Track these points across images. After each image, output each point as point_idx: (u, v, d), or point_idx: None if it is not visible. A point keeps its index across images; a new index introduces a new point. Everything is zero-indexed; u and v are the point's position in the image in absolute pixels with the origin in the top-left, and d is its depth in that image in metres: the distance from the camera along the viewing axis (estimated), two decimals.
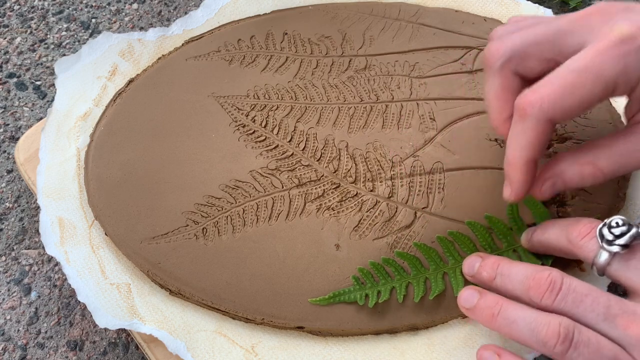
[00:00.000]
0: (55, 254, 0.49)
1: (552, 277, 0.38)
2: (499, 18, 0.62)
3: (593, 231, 0.39)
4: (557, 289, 0.38)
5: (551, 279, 0.38)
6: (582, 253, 0.40)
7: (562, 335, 0.36)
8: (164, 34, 0.62)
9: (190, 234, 0.50)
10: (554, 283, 0.38)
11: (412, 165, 0.52)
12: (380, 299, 0.46)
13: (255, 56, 0.60)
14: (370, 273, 0.47)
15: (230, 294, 0.47)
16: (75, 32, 0.72)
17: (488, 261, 0.43)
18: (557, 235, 0.42)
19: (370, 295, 0.47)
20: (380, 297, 0.46)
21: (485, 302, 0.40)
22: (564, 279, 0.38)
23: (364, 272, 0.47)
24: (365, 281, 0.47)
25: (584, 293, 0.37)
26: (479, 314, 0.40)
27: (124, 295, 0.48)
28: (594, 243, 0.39)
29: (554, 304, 0.38)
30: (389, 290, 0.47)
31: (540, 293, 0.38)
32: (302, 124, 0.55)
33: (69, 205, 0.52)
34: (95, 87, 0.58)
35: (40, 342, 0.52)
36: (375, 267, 0.47)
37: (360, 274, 0.47)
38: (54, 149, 0.55)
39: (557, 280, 0.38)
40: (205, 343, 0.46)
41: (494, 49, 0.42)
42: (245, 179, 0.52)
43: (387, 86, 0.57)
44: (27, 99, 0.67)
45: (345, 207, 0.50)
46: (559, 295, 0.37)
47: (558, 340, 0.36)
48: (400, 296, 0.46)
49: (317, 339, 0.46)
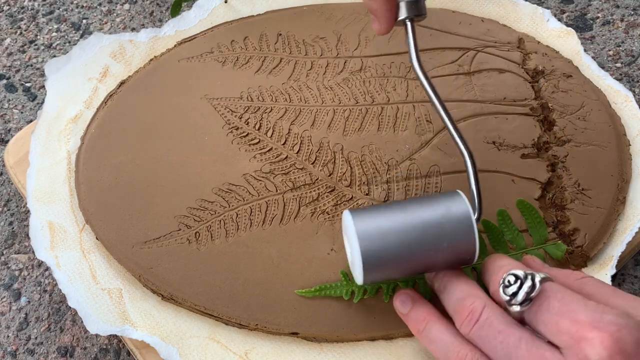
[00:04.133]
0: (45, 258, 0.49)
1: (474, 307, 0.38)
2: (497, 19, 0.62)
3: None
4: (475, 319, 0.38)
5: (472, 308, 0.38)
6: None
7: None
8: (156, 34, 0.61)
9: (183, 238, 0.49)
10: (473, 312, 0.38)
11: (408, 169, 0.52)
12: (366, 295, 0.46)
13: (249, 57, 0.59)
14: None
15: (224, 299, 0.47)
16: (65, 33, 0.71)
17: (444, 273, 0.43)
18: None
19: (357, 291, 0.46)
20: (366, 294, 0.46)
21: (415, 315, 0.42)
22: (485, 310, 0.38)
23: None
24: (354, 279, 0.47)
25: (498, 329, 0.36)
26: (409, 323, 0.43)
27: (115, 300, 0.47)
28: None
29: (469, 333, 0.38)
30: (375, 289, 0.46)
31: (460, 320, 0.39)
32: (296, 127, 0.54)
33: (59, 209, 0.52)
34: (86, 89, 0.58)
35: (30, 348, 0.52)
36: None
37: (349, 272, 0.47)
38: (44, 152, 0.54)
39: (477, 310, 0.38)
40: (198, 349, 0.45)
41: None
42: (239, 182, 0.51)
43: (382, 88, 0.56)
44: (17, 101, 0.66)
45: (341, 211, 0.50)
46: (475, 327, 0.37)
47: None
48: (386, 296, 0.46)
49: (311, 345, 0.46)
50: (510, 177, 0.51)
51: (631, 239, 0.48)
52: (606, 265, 0.47)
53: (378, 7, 0.43)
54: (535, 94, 0.56)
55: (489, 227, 0.48)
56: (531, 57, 0.58)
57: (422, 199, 0.43)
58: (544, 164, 0.51)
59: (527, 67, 0.58)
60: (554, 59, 0.58)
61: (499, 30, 0.61)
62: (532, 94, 0.56)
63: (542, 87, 0.56)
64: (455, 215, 0.41)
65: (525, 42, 0.60)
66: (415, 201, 0.43)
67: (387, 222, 0.41)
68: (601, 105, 0.55)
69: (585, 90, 0.56)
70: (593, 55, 0.65)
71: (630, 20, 0.68)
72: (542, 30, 0.61)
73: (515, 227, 0.48)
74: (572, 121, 0.54)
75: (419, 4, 0.43)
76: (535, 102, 0.55)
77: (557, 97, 0.55)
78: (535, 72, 0.58)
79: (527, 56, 0.59)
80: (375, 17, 0.44)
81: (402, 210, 0.42)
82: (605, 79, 0.58)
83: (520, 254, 0.47)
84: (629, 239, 0.48)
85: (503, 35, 0.60)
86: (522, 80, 0.57)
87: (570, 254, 0.48)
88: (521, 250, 0.47)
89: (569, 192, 0.50)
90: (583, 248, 0.48)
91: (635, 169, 0.52)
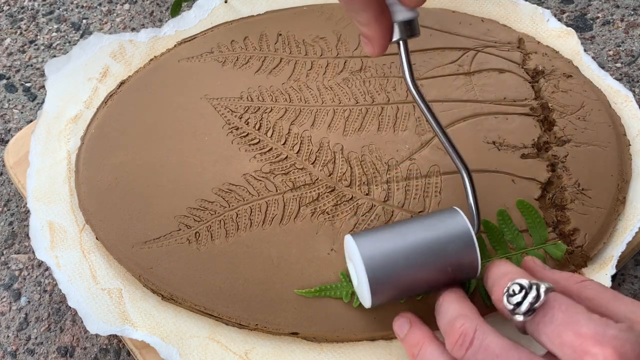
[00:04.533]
0: (45, 258, 0.49)
1: (464, 329, 0.37)
2: (497, 19, 0.62)
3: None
4: (468, 343, 0.37)
5: (463, 330, 0.37)
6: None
7: None
8: (156, 34, 0.61)
9: (183, 238, 0.49)
10: (464, 335, 0.37)
11: (409, 169, 0.52)
12: None
13: (249, 57, 0.59)
14: None
15: (224, 299, 0.47)
16: (65, 33, 0.71)
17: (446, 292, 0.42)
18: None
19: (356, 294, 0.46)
20: None
21: (410, 339, 0.42)
22: (477, 333, 0.37)
23: None
24: None
25: (496, 353, 0.36)
26: (405, 347, 0.42)
27: (115, 300, 0.47)
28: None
29: (463, 358, 0.37)
30: None
31: (451, 343, 0.38)
32: (296, 127, 0.54)
33: (59, 209, 0.51)
34: (86, 89, 0.58)
35: (30, 349, 0.51)
36: None
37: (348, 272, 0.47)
38: (44, 152, 0.54)
39: (468, 332, 0.37)
40: (198, 349, 0.45)
41: None
42: (239, 182, 0.51)
43: (382, 88, 0.56)
44: (17, 101, 0.66)
45: (341, 211, 0.50)
46: (469, 351, 0.37)
47: None
48: None
49: (311, 345, 0.46)
50: (510, 177, 0.51)
51: (631, 239, 0.48)
52: (606, 265, 0.47)
53: (373, 34, 0.41)
54: (535, 94, 0.56)
55: (489, 227, 0.48)
56: (531, 57, 0.58)
57: (421, 219, 0.44)
58: (544, 164, 0.51)
59: (527, 67, 0.58)
60: (554, 59, 0.58)
61: (499, 30, 0.61)
62: (532, 94, 0.56)
63: (542, 87, 0.56)
64: (456, 234, 0.42)
65: (525, 42, 0.60)
66: (416, 222, 0.43)
67: (390, 246, 0.42)
68: (601, 105, 0.55)
69: (585, 90, 0.56)
70: (593, 55, 0.65)
71: (630, 20, 0.68)
72: (542, 30, 0.61)
73: (515, 227, 0.48)
74: (572, 121, 0.54)
75: (413, 24, 0.42)
76: (535, 102, 0.55)
77: (557, 97, 0.55)
78: (535, 72, 0.57)
79: (527, 56, 0.59)
80: (369, 42, 0.42)
81: (403, 233, 0.43)
82: (605, 79, 0.57)
83: (520, 254, 0.47)
84: (629, 239, 0.48)
85: (503, 35, 0.60)
86: (522, 80, 0.57)
87: (570, 254, 0.47)
88: (521, 250, 0.47)
89: (569, 192, 0.50)
90: (583, 248, 0.48)
91: (635, 169, 0.52)
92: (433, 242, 0.42)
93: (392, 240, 0.42)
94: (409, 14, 0.41)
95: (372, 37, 0.41)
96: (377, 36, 0.41)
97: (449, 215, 0.43)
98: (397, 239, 0.42)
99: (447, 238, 0.42)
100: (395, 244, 0.42)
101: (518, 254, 0.47)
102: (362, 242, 0.42)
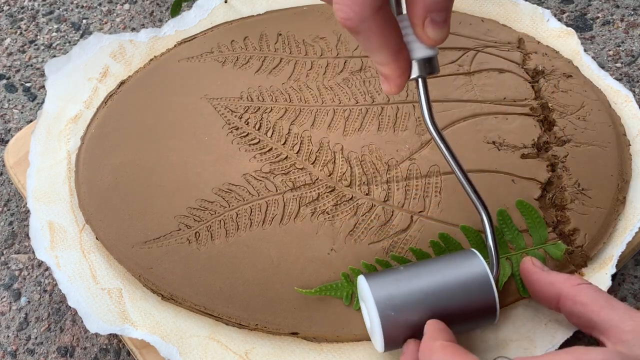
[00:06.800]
0: (45, 258, 0.49)
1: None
2: (497, 19, 0.62)
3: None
4: None
5: None
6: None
7: None
8: (156, 34, 0.61)
9: (183, 238, 0.49)
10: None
11: (408, 169, 0.52)
12: None
13: (249, 57, 0.59)
14: (361, 272, 0.47)
15: (224, 299, 0.47)
16: (65, 33, 0.71)
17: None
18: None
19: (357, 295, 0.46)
20: None
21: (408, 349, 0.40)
22: None
23: (355, 271, 0.47)
24: (354, 279, 0.46)
25: None
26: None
27: (115, 300, 0.47)
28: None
29: None
30: None
31: None
32: (296, 127, 0.54)
33: (59, 209, 0.52)
34: (86, 89, 0.58)
35: (30, 348, 0.51)
36: (366, 267, 0.47)
37: (350, 272, 0.47)
38: (44, 152, 0.54)
39: None
40: (198, 349, 0.45)
41: None
42: (239, 182, 0.51)
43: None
44: (17, 101, 0.66)
45: (341, 211, 0.50)
46: None
47: None
48: None
49: (311, 345, 0.46)
50: (510, 177, 0.51)
51: (631, 238, 0.48)
52: (606, 265, 0.47)
53: (391, 73, 0.40)
54: (535, 94, 0.56)
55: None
56: (531, 57, 0.58)
57: (438, 261, 0.43)
58: (544, 164, 0.51)
59: (527, 67, 0.58)
60: (554, 59, 0.58)
61: (499, 30, 0.61)
62: (532, 94, 0.56)
63: (542, 87, 0.56)
64: (475, 279, 0.41)
65: (525, 42, 0.60)
66: (432, 265, 0.43)
67: (406, 290, 0.41)
68: (601, 105, 0.55)
69: (585, 90, 0.56)
70: (593, 55, 0.65)
71: (630, 20, 0.68)
72: (542, 30, 0.61)
73: (515, 227, 0.48)
74: (572, 121, 0.54)
75: (432, 62, 0.40)
76: (535, 102, 0.55)
77: (557, 97, 0.55)
78: (535, 72, 0.57)
79: (527, 56, 0.59)
80: (387, 80, 0.40)
81: (419, 277, 0.42)
82: (605, 79, 0.57)
83: (520, 254, 0.47)
84: (629, 238, 0.48)
85: (503, 35, 0.60)
86: (522, 80, 0.57)
87: (570, 254, 0.47)
88: (521, 250, 0.47)
89: (569, 192, 0.50)
90: (583, 248, 0.48)
91: (635, 169, 0.52)
92: (449, 286, 0.41)
93: (406, 285, 0.41)
94: (429, 51, 0.40)
95: (390, 76, 0.40)
96: (394, 75, 0.40)
97: (467, 258, 0.42)
98: (412, 282, 0.41)
99: (465, 283, 0.41)
100: (409, 288, 0.41)
101: (518, 254, 0.47)
102: (375, 285, 0.41)
